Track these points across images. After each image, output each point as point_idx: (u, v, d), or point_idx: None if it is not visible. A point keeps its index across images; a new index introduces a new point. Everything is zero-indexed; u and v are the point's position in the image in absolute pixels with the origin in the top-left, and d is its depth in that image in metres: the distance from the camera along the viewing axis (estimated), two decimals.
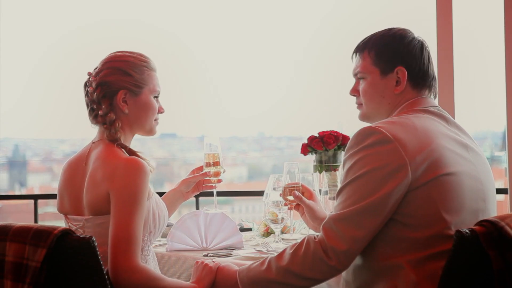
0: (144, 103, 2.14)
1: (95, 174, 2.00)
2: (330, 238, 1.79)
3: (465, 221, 1.82)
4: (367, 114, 2.07)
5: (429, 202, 1.79)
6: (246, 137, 6.21)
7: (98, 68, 2.14)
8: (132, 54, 2.16)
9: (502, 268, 1.62)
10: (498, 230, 1.65)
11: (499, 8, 3.59)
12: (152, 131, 2.20)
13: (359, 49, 2.06)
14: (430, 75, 2.02)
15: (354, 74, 2.08)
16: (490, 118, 4.20)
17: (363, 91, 2.04)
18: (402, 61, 1.99)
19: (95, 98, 2.11)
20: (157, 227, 2.09)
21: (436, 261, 1.78)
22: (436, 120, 1.95)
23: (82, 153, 2.14)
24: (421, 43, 2.02)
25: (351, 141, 1.88)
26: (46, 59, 4.97)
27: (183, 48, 4.63)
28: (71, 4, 4.73)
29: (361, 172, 1.81)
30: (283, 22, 4.72)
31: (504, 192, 3.66)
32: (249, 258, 2.24)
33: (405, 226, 1.80)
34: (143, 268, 1.89)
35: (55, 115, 5.15)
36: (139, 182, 1.95)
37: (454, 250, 1.66)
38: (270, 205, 2.48)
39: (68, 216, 2.10)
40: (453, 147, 1.89)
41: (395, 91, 2.00)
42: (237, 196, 5.07)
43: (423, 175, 1.79)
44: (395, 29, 2.04)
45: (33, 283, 1.65)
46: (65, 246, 1.68)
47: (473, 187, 1.87)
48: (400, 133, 1.82)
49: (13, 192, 5.91)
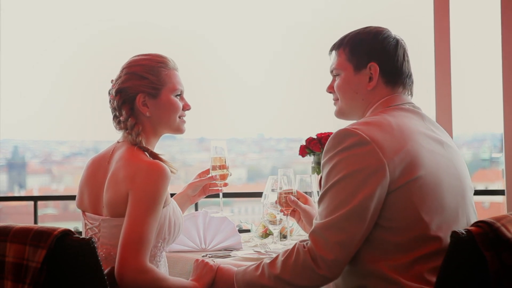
0: (164, 104, 2.14)
1: (117, 174, 2.02)
2: (318, 247, 1.78)
3: (446, 220, 1.82)
4: (342, 110, 2.07)
5: (408, 204, 1.79)
6: (245, 139, 6.22)
7: (117, 75, 2.17)
8: (148, 57, 2.16)
9: (498, 268, 1.63)
10: (494, 231, 1.65)
11: (496, 10, 3.61)
12: (179, 129, 2.20)
13: (335, 47, 2.07)
14: (404, 72, 2.01)
15: (330, 71, 2.09)
16: (488, 120, 4.21)
17: (338, 87, 2.04)
18: (375, 57, 1.99)
19: (116, 105, 2.14)
20: (172, 235, 2.09)
21: (422, 263, 1.78)
22: (411, 118, 1.94)
23: (107, 152, 2.16)
24: (397, 41, 2.02)
25: (328, 144, 1.87)
26: (48, 61, 4.99)
27: (186, 49, 4.64)
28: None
29: (340, 176, 1.80)
30: (285, 22, 4.74)
31: (502, 193, 3.67)
32: (248, 259, 2.25)
33: (387, 230, 1.80)
34: (151, 269, 1.90)
35: (54, 117, 5.16)
36: (159, 186, 1.96)
37: (450, 251, 1.67)
38: (268, 207, 2.49)
39: (85, 213, 2.12)
40: (430, 145, 1.88)
41: (368, 87, 1.99)
42: (236, 198, 5.07)
43: (400, 176, 1.79)
44: (371, 27, 2.04)
45: (33, 284, 1.65)
46: (65, 246, 1.69)
47: (451, 184, 1.87)
48: (376, 134, 1.82)
49: (12, 194, 5.91)
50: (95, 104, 4.89)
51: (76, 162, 6.00)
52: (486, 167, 5.00)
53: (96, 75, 4.84)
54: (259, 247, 2.47)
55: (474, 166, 5.05)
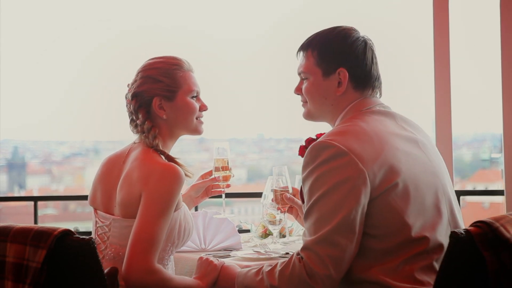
0: (180, 106, 2.15)
1: (131, 174, 2.03)
2: (312, 262, 1.79)
3: (429, 219, 1.84)
4: (311, 113, 2.06)
5: (390, 210, 1.80)
6: (245, 139, 6.21)
7: (133, 79, 2.18)
8: (162, 59, 2.17)
9: (497, 268, 1.63)
10: (493, 231, 1.66)
11: (495, 10, 3.61)
12: (197, 131, 2.21)
13: (303, 48, 2.05)
14: (372, 75, 2.01)
15: (298, 73, 2.07)
16: (488, 120, 4.21)
17: (306, 91, 2.03)
18: (344, 63, 1.98)
19: (132, 109, 2.15)
20: (181, 239, 2.10)
21: (412, 264, 1.79)
22: (383, 120, 1.94)
23: (123, 151, 2.16)
24: (365, 43, 2.01)
25: (306, 158, 1.87)
26: (47, 62, 4.99)
27: (191, 49, 4.64)
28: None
29: (323, 190, 1.80)
30: (285, 23, 4.74)
31: (501, 193, 3.67)
32: (247, 259, 2.25)
33: (373, 238, 1.81)
34: (158, 270, 1.91)
35: (54, 117, 5.16)
36: (172, 189, 1.97)
37: (450, 251, 1.67)
38: (268, 207, 2.50)
39: (97, 211, 2.12)
40: (405, 146, 1.89)
41: (337, 93, 1.99)
42: (236, 198, 5.07)
43: (381, 183, 1.79)
44: (340, 28, 2.02)
45: (34, 284, 1.66)
46: (65, 247, 1.69)
47: (430, 183, 1.88)
48: (353, 144, 1.82)
49: (12, 194, 5.91)
50: (95, 104, 4.90)
51: (76, 162, 6.00)
52: (486, 168, 5.00)
53: (96, 75, 4.84)
54: (258, 247, 2.48)
55: (474, 166, 5.06)
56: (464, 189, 4.39)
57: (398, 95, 4.34)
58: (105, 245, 2.07)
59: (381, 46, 2.07)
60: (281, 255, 2.29)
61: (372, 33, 2.10)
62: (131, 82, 2.17)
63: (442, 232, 1.86)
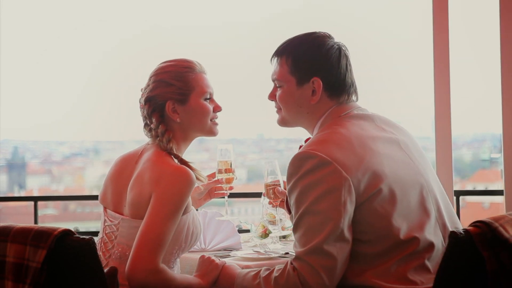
0: (194, 108, 2.14)
1: (143, 175, 2.03)
2: (306, 273, 1.79)
3: (417, 220, 1.84)
4: (285, 120, 2.07)
5: (376, 215, 1.80)
6: (245, 139, 6.21)
7: (146, 84, 2.18)
8: (174, 63, 2.16)
9: (496, 268, 1.64)
10: (492, 231, 1.66)
11: (495, 10, 3.61)
12: (211, 132, 2.20)
13: (278, 54, 2.04)
14: (347, 83, 2.00)
15: (272, 79, 2.07)
16: (487, 120, 4.22)
17: (280, 99, 2.03)
18: (318, 72, 1.97)
19: (146, 113, 2.15)
20: (188, 243, 2.10)
21: (404, 265, 1.80)
22: (363, 124, 1.94)
23: (136, 152, 2.17)
24: (339, 51, 2.00)
25: (290, 169, 1.87)
26: (47, 62, 5.00)
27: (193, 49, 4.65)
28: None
29: (310, 201, 1.80)
30: (285, 22, 4.74)
31: (500, 193, 3.67)
32: (247, 259, 2.26)
33: (363, 243, 1.82)
34: (162, 270, 1.91)
35: (54, 117, 5.16)
36: (182, 191, 1.97)
37: (449, 250, 1.68)
38: (267, 207, 2.50)
39: (107, 210, 2.12)
40: (386, 149, 1.89)
41: (311, 101, 1.98)
42: (236, 198, 5.07)
43: (365, 190, 1.80)
44: (314, 35, 2.01)
45: (34, 284, 1.66)
46: (65, 247, 1.70)
47: (414, 183, 1.88)
48: (335, 152, 1.82)
49: (12, 194, 5.91)
50: (95, 104, 4.90)
51: (76, 162, 6.01)
52: (486, 168, 5.00)
53: (97, 75, 4.84)
54: (258, 247, 2.48)
55: (474, 166, 5.06)
56: (464, 189, 4.39)
57: (398, 95, 4.34)
58: (112, 244, 2.07)
59: (381, 46, 2.07)
60: (281, 255, 2.29)
61: (372, 34, 2.10)
62: (144, 87, 2.17)
63: (430, 230, 1.86)
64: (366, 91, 3.21)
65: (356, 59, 2.11)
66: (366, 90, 2.93)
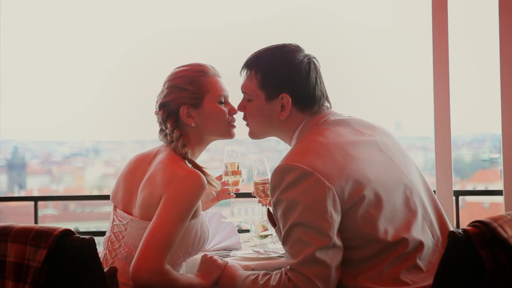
0: (208, 112, 2.14)
1: (155, 176, 2.04)
2: (301, 283, 1.79)
3: (403, 221, 1.85)
4: (256, 133, 2.08)
5: (362, 221, 1.81)
6: (245, 139, 6.23)
7: (160, 90, 2.18)
8: (187, 67, 2.17)
9: (494, 268, 1.64)
10: (490, 231, 1.67)
11: (494, 10, 3.61)
12: (228, 134, 2.20)
13: (247, 65, 2.04)
14: (317, 96, 1.99)
15: (241, 91, 2.07)
16: (487, 120, 4.22)
17: (250, 113, 2.05)
18: (287, 88, 1.97)
19: (161, 119, 2.16)
20: (195, 248, 2.10)
21: (396, 266, 1.80)
22: (340, 131, 1.94)
23: (150, 153, 2.17)
24: (309, 65, 1.99)
25: (272, 182, 1.86)
26: (47, 62, 5.00)
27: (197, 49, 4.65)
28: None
29: (297, 214, 1.80)
30: (285, 22, 4.74)
31: (500, 193, 3.68)
32: (247, 259, 2.26)
33: (353, 249, 1.83)
34: (167, 271, 1.92)
35: (54, 117, 5.16)
36: (193, 194, 1.97)
37: (447, 250, 1.68)
38: (267, 207, 2.50)
39: (116, 209, 2.13)
40: (367, 153, 1.89)
41: (280, 117, 1.99)
42: (236, 198, 5.08)
43: (349, 197, 1.80)
44: (285, 49, 2.00)
45: (34, 283, 1.67)
46: (66, 246, 1.70)
47: (397, 183, 1.89)
48: (316, 162, 1.81)
49: (12, 194, 5.91)
50: (95, 104, 4.90)
51: (76, 162, 6.01)
52: (486, 168, 5.00)
53: (96, 75, 4.85)
54: (258, 247, 2.48)
55: (474, 166, 5.06)
56: (464, 189, 4.39)
57: (398, 96, 4.35)
58: (119, 243, 2.08)
59: (380, 46, 2.06)
60: (281, 255, 2.30)
61: (371, 34, 2.10)
62: (159, 93, 2.18)
63: (418, 229, 1.87)
64: (366, 92, 3.24)
65: (356, 59, 2.11)
66: (366, 91, 2.95)
